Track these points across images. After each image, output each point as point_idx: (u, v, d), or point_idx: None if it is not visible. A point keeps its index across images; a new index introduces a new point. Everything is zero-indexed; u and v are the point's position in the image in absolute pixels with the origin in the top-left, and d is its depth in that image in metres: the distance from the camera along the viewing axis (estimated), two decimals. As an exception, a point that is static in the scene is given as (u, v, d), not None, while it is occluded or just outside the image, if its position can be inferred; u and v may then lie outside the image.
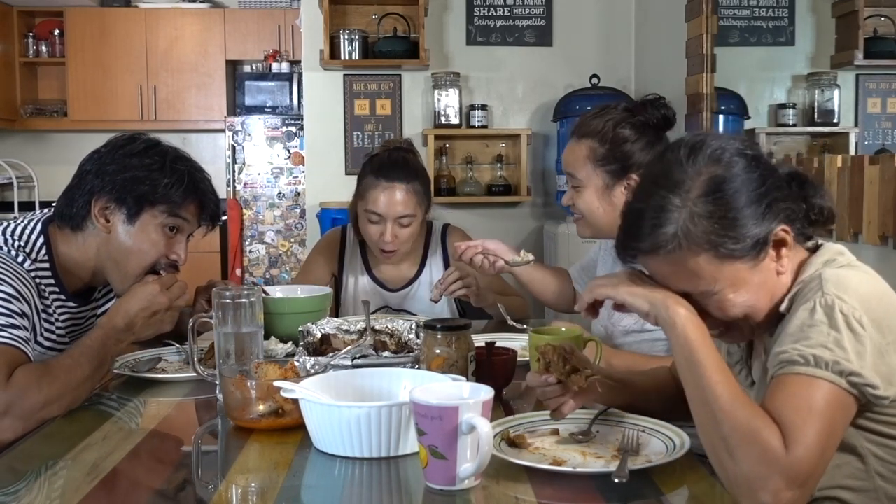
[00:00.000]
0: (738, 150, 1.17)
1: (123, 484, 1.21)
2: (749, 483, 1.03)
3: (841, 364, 1.06)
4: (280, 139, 5.67)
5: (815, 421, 1.04)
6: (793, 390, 1.07)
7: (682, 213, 1.13)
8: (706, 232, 1.12)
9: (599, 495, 1.13)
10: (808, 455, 1.02)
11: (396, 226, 2.29)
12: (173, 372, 1.78)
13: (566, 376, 1.31)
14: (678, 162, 1.16)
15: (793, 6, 3.59)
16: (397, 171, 2.30)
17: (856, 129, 3.49)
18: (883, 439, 1.15)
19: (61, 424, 1.47)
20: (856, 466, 1.16)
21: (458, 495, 1.13)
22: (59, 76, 6.20)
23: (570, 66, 4.19)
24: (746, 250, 1.13)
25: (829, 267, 1.16)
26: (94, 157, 1.73)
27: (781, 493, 1.01)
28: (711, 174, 1.14)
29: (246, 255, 5.67)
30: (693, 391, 1.12)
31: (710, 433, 1.09)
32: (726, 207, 1.13)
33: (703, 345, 1.12)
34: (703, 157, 1.15)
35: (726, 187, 1.13)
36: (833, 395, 1.06)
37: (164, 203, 1.70)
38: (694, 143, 1.17)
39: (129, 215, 1.69)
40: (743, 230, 1.13)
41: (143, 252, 1.71)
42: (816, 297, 1.11)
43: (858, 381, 1.07)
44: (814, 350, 1.07)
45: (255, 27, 6.17)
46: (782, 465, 1.02)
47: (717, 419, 1.08)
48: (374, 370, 1.47)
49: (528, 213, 4.30)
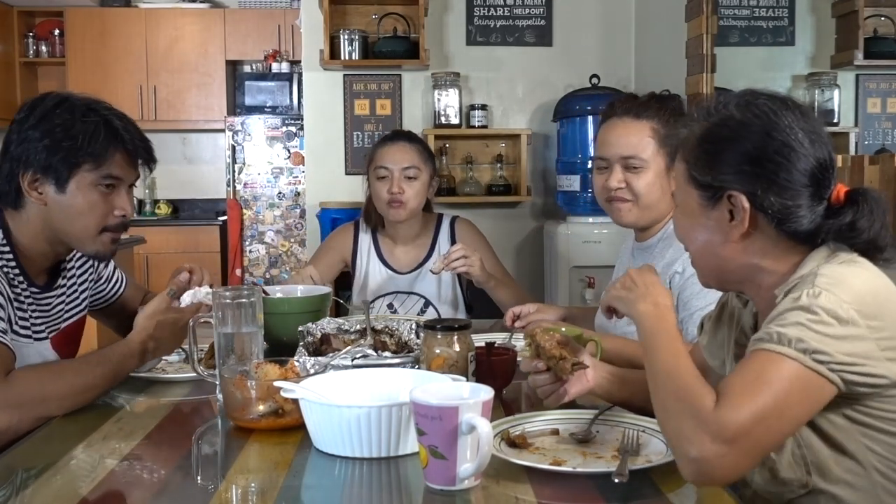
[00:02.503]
0: (764, 114, 1.19)
1: (123, 484, 1.21)
2: (679, 439, 1.09)
3: (806, 342, 1.07)
4: (280, 139, 5.67)
5: (758, 389, 1.07)
6: (750, 364, 1.10)
7: (693, 127, 1.26)
8: (690, 148, 1.25)
9: (599, 495, 1.13)
10: (735, 414, 1.05)
11: (403, 179, 2.47)
12: (173, 372, 1.78)
13: (555, 363, 1.36)
14: (728, 97, 1.26)
15: (793, 6, 3.59)
16: (401, 134, 2.64)
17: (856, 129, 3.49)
18: (879, 435, 1.15)
19: (61, 424, 1.47)
20: (854, 461, 1.16)
21: (458, 495, 1.13)
22: (59, 76, 6.20)
23: (570, 66, 4.19)
24: (703, 187, 1.22)
25: (830, 262, 1.16)
26: (13, 128, 1.63)
27: (706, 447, 1.05)
28: (729, 114, 1.22)
29: (246, 255, 5.67)
30: (648, 369, 1.19)
31: (655, 400, 1.16)
32: (711, 140, 1.22)
33: (660, 331, 1.22)
34: (740, 102, 1.23)
35: (722, 130, 1.22)
36: (793, 371, 1.07)
37: (89, 161, 1.61)
38: (751, 91, 1.26)
39: (58, 183, 1.61)
40: (708, 167, 1.21)
41: (84, 215, 1.63)
42: (805, 288, 1.12)
43: (826, 359, 1.07)
44: (783, 329, 1.09)
45: (255, 27, 6.17)
46: (707, 420, 1.06)
47: (658, 385, 1.15)
48: (374, 370, 1.47)
49: (528, 213, 4.30)
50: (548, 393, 1.44)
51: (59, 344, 1.74)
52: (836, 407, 1.13)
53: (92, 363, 1.57)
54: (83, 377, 1.54)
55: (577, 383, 1.42)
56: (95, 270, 1.90)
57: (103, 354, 1.60)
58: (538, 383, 1.43)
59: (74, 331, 1.82)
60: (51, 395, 1.48)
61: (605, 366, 1.47)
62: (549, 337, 1.42)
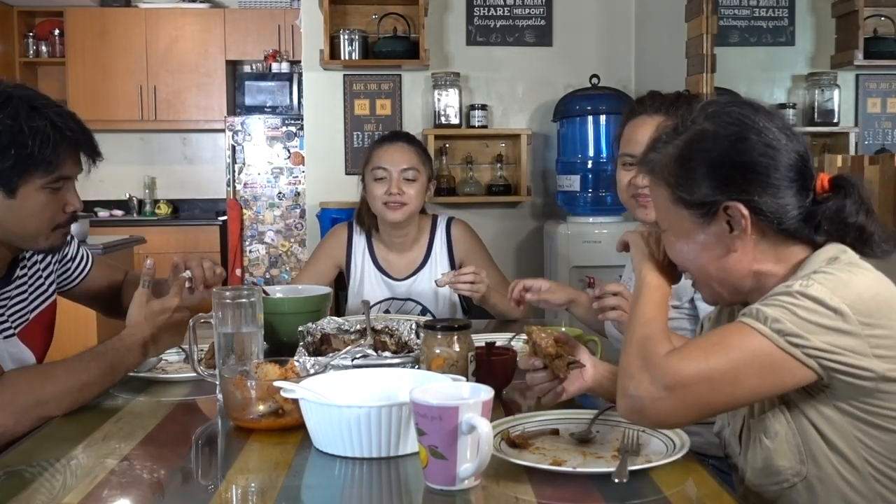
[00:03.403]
0: (739, 120, 1.20)
1: (123, 484, 1.21)
2: (624, 377, 1.15)
3: (782, 322, 1.08)
4: (280, 139, 5.67)
5: (716, 352, 1.10)
6: (720, 330, 1.14)
7: (666, 149, 1.24)
8: (670, 171, 1.23)
9: (599, 495, 1.13)
10: (681, 365, 1.10)
11: (402, 180, 2.42)
12: (173, 372, 1.78)
13: (550, 360, 1.36)
14: (694, 110, 1.26)
15: (793, 6, 3.59)
16: (398, 134, 2.59)
17: (856, 129, 3.49)
18: (873, 430, 1.15)
19: (61, 424, 1.47)
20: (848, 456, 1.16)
21: (458, 495, 1.13)
22: (59, 76, 6.20)
23: (570, 66, 4.19)
24: (695, 206, 1.21)
25: (831, 264, 1.16)
26: None
27: (644, 387, 1.12)
28: (701, 128, 1.22)
29: (246, 255, 5.67)
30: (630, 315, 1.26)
31: (622, 346, 1.22)
32: (692, 160, 1.21)
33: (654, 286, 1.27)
34: (708, 113, 1.23)
35: (702, 144, 1.21)
36: (762, 348, 1.09)
37: (38, 167, 1.56)
38: (714, 101, 1.28)
39: (6, 192, 1.56)
40: (696, 184, 1.20)
41: (35, 217, 1.60)
42: (801, 279, 1.12)
43: (801, 342, 1.08)
44: (765, 308, 1.11)
45: (255, 27, 6.17)
46: (653, 364, 1.12)
47: (630, 330, 1.21)
48: (374, 370, 1.47)
49: (528, 213, 4.30)
50: (545, 391, 1.44)
51: (30, 336, 1.73)
52: (826, 399, 1.14)
53: (85, 360, 1.56)
54: (77, 375, 1.52)
55: (576, 382, 1.42)
56: (59, 251, 1.87)
57: (97, 351, 1.59)
58: (535, 381, 1.43)
59: (46, 318, 1.81)
60: (46, 395, 1.48)
61: (605, 364, 1.48)
62: (546, 335, 1.42)
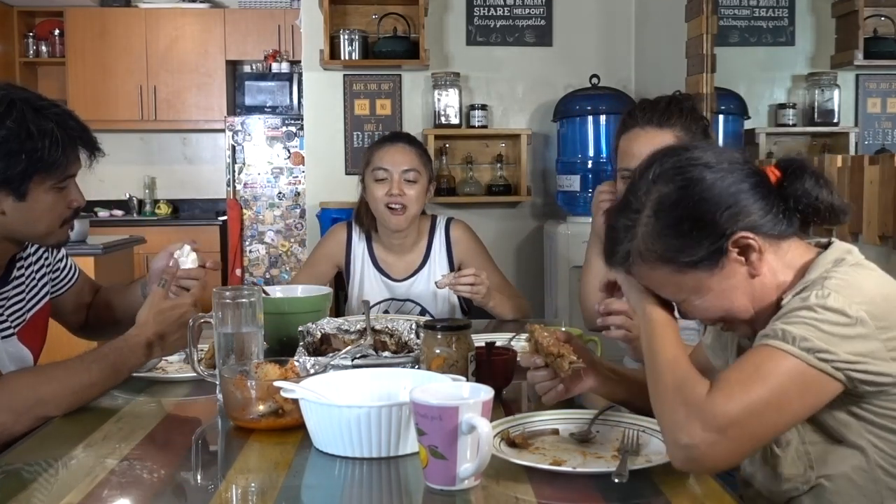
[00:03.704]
0: (681, 167, 1.19)
1: (124, 484, 1.21)
2: (671, 425, 1.10)
3: (810, 340, 1.07)
4: (280, 139, 5.67)
5: (755, 382, 1.07)
6: (750, 358, 1.11)
7: (636, 232, 1.20)
8: (659, 248, 1.18)
9: (599, 495, 1.13)
10: (727, 404, 1.06)
11: (403, 181, 2.40)
12: (173, 372, 1.78)
13: (552, 359, 1.36)
14: (636, 182, 1.22)
15: (793, 6, 3.59)
16: (398, 135, 2.57)
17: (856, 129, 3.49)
18: (884, 433, 1.15)
19: (61, 424, 1.47)
20: (858, 459, 1.16)
21: (458, 495, 1.13)
22: (59, 76, 6.20)
23: (570, 66, 4.19)
24: (701, 261, 1.17)
25: (838, 266, 1.16)
26: None
27: (697, 434, 1.06)
28: (660, 193, 1.19)
29: (246, 255, 5.67)
30: (650, 359, 1.19)
31: (653, 390, 1.16)
32: (675, 224, 1.17)
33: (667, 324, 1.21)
34: (654, 176, 1.20)
35: (674, 206, 1.18)
36: (795, 369, 1.07)
37: (47, 169, 1.59)
38: (650, 162, 1.23)
39: (17, 195, 1.58)
40: (694, 244, 1.17)
41: (44, 218, 1.63)
42: (815, 289, 1.12)
43: (830, 357, 1.07)
44: (788, 327, 1.09)
45: (255, 27, 6.17)
46: (700, 408, 1.07)
47: (657, 374, 1.16)
48: (374, 370, 1.47)
49: (528, 213, 4.30)
50: (546, 389, 1.44)
51: (28, 336, 1.74)
52: (841, 404, 1.14)
53: (87, 361, 1.56)
54: (78, 376, 1.52)
55: (577, 381, 1.43)
56: (51, 255, 1.89)
57: (99, 352, 1.59)
58: (536, 379, 1.44)
59: (41, 318, 1.82)
60: (46, 396, 1.48)
61: (606, 364, 1.48)
62: (548, 334, 1.42)
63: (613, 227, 1.24)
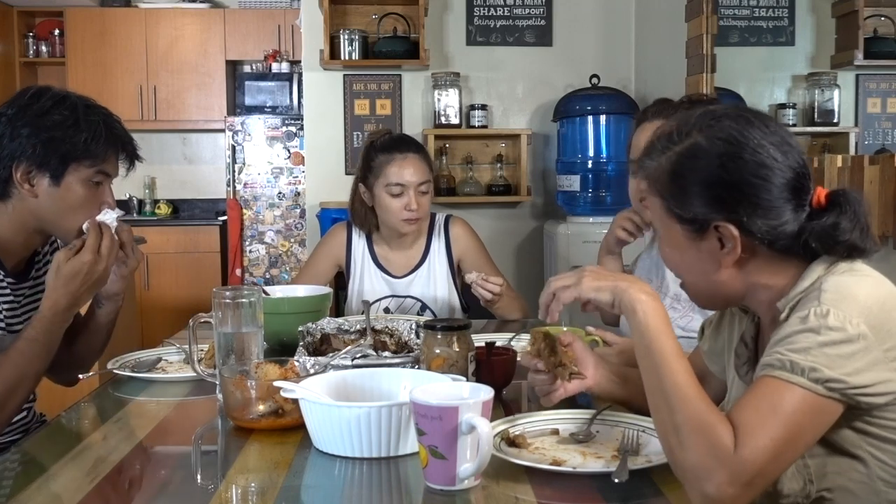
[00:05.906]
0: (732, 137, 1.16)
1: (123, 484, 1.21)
2: (695, 473, 1.06)
3: (819, 371, 1.05)
4: (280, 139, 5.67)
5: (774, 424, 1.05)
6: (762, 392, 1.08)
7: (660, 159, 1.21)
8: (663, 185, 1.21)
9: (599, 495, 1.13)
10: (755, 456, 1.03)
11: (418, 194, 2.42)
12: (173, 372, 1.78)
13: (553, 367, 1.37)
14: (692, 118, 1.22)
15: (793, 6, 3.59)
16: (406, 144, 2.50)
17: (856, 129, 3.49)
18: (885, 445, 1.14)
19: (61, 424, 1.47)
20: (858, 471, 1.15)
21: (458, 495, 1.13)
22: (59, 76, 6.19)
23: (570, 66, 4.19)
24: (687, 221, 1.18)
25: (832, 273, 1.14)
26: (3, 121, 1.64)
27: (724, 488, 1.04)
28: (695, 141, 1.18)
29: (246, 255, 5.67)
30: (650, 378, 1.14)
31: (664, 420, 1.11)
32: (684, 177, 1.18)
33: (662, 332, 1.15)
34: (705, 125, 1.19)
35: (694, 161, 1.18)
36: (806, 401, 1.06)
37: (87, 158, 1.66)
38: (713, 111, 1.22)
39: (53, 177, 1.64)
40: (688, 201, 1.18)
41: (74, 210, 1.66)
42: (812, 305, 1.10)
43: (840, 386, 1.06)
44: (794, 355, 1.07)
45: (255, 27, 6.16)
46: (728, 462, 1.04)
47: (672, 407, 1.10)
48: (374, 370, 1.47)
49: (528, 213, 4.30)
50: (545, 392, 1.44)
51: None
52: (843, 419, 1.12)
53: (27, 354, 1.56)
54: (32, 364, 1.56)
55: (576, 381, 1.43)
56: None
57: (32, 340, 1.58)
58: (536, 382, 1.45)
59: None
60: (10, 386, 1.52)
61: (606, 364, 1.48)
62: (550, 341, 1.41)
63: (653, 142, 1.25)
